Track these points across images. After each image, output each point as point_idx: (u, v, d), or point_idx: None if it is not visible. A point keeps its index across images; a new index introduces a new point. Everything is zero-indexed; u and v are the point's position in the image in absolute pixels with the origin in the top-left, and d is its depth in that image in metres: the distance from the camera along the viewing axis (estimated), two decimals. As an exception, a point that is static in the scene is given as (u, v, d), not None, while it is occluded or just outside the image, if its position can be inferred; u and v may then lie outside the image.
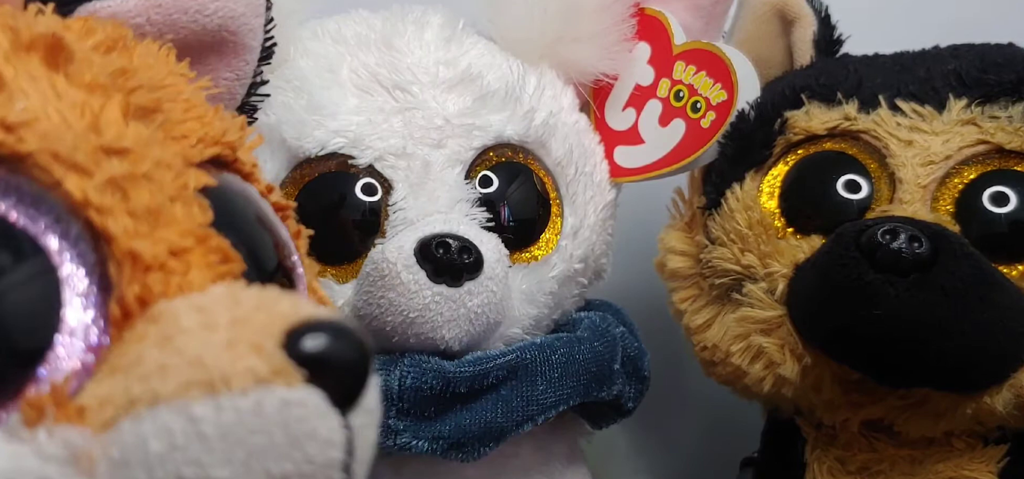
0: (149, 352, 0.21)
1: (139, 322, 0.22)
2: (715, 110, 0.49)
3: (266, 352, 0.21)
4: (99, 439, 0.20)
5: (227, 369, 0.20)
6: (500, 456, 0.45)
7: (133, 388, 0.21)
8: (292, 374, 0.21)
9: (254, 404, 0.20)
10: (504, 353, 0.45)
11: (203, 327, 0.21)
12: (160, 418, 0.20)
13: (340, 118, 0.45)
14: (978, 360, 0.40)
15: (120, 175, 0.23)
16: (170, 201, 0.24)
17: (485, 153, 0.47)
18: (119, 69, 0.25)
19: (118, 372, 0.21)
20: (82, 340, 0.22)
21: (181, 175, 0.25)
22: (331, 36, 0.49)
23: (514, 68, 0.49)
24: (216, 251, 0.24)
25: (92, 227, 0.22)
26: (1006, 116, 0.43)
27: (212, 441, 0.20)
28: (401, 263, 0.41)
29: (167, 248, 0.23)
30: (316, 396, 0.21)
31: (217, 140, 0.28)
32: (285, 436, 0.20)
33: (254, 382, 0.20)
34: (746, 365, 0.46)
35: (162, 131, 0.26)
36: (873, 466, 0.46)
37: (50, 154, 0.22)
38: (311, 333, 0.21)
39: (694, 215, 0.51)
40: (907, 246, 0.39)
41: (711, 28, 0.52)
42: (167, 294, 0.23)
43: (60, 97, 0.23)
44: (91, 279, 0.22)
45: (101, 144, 0.23)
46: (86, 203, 0.22)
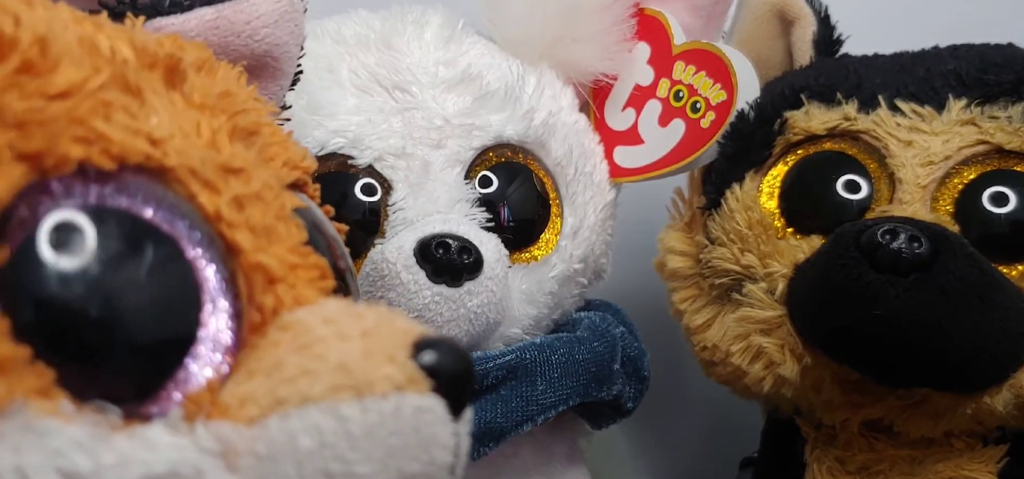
0: (289, 358, 0.23)
1: (270, 330, 0.24)
2: (715, 110, 0.49)
3: (399, 362, 0.23)
4: (246, 434, 0.22)
5: (370, 375, 0.22)
6: (500, 456, 0.46)
7: (279, 390, 0.22)
8: (423, 383, 0.23)
9: (394, 408, 0.22)
10: (504, 353, 0.45)
11: (338, 337, 0.23)
12: (310, 417, 0.22)
13: (340, 118, 0.45)
14: (978, 360, 0.40)
15: (240, 193, 0.25)
16: (276, 220, 0.26)
17: (485, 153, 0.47)
18: (223, 92, 0.27)
19: (257, 375, 0.23)
20: (218, 342, 0.23)
21: (280, 196, 0.27)
22: (331, 36, 0.49)
23: (514, 68, 0.49)
24: (316, 268, 0.26)
25: (223, 239, 0.24)
26: (1006, 116, 0.43)
27: (358, 440, 0.22)
28: (401, 263, 0.41)
29: (283, 263, 0.25)
30: (440, 405, 0.23)
31: (297, 165, 0.30)
32: (417, 439, 0.23)
33: (393, 388, 0.23)
34: (746, 365, 0.46)
35: (259, 154, 0.27)
36: (873, 466, 0.46)
37: (187, 169, 0.23)
38: (430, 348, 0.23)
39: (694, 215, 0.51)
40: (907, 246, 0.39)
41: (711, 28, 0.52)
42: (288, 305, 0.25)
43: (180, 115, 0.25)
44: (225, 285, 0.24)
45: (221, 163, 0.25)
46: (218, 217, 0.24)
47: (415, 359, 0.23)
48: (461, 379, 0.24)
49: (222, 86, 0.28)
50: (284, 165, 0.29)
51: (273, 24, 0.35)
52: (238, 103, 0.27)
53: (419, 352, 0.23)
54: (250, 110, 0.28)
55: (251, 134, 0.28)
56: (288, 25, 0.36)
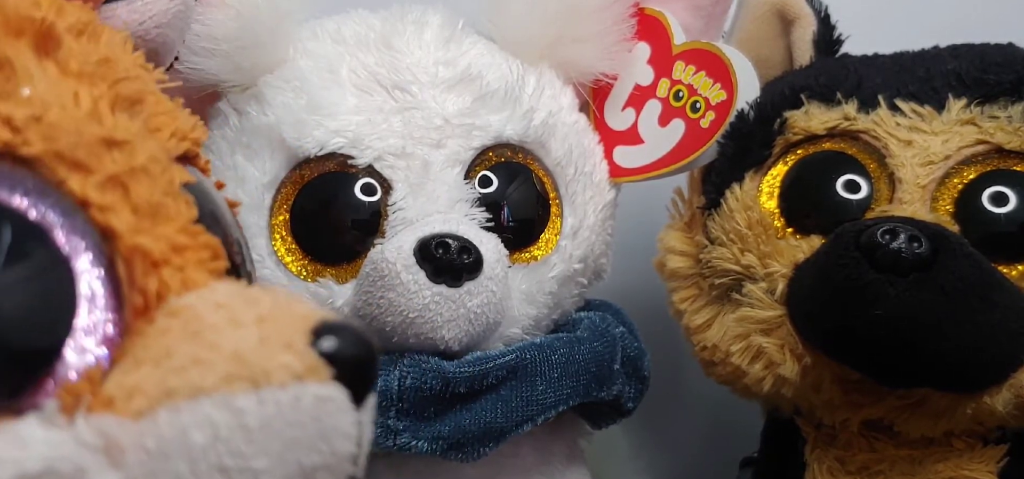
0: (179, 346, 0.22)
1: (158, 316, 0.23)
2: (715, 110, 0.49)
3: (298, 349, 0.22)
4: (132, 428, 0.21)
5: (267, 364, 0.21)
6: (500, 456, 0.45)
7: (169, 380, 0.21)
8: (323, 371, 0.22)
9: (293, 399, 0.21)
10: (504, 353, 0.45)
11: (231, 323, 0.22)
12: (202, 410, 0.21)
13: (339, 118, 0.45)
14: (978, 360, 0.40)
15: (121, 169, 0.23)
16: (164, 196, 0.24)
17: (484, 153, 0.47)
18: (104, 58, 0.25)
19: (145, 364, 0.22)
20: (98, 332, 0.22)
21: (168, 170, 0.25)
22: (330, 36, 0.49)
23: (514, 68, 0.49)
24: (206, 248, 0.25)
25: (96, 224, 0.22)
26: (1006, 116, 0.43)
27: (254, 433, 0.21)
28: (401, 263, 0.41)
29: (169, 244, 0.23)
30: (341, 393, 0.22)
31: (186, 135, 0.28)
32: (317, 429, 0.22)
33: (292, 378, 0.21)
34: (746, 365, 0.46)
35: (145, 124, 0.26)
36: (873, 466, 0.46)
37: (53, 154, 0.22)
38: (330, 334, 0.22)
39: (694, 215, 0.51)
40: (907, 246, 0.38)
41: (711, 28, 0.52)
42: (174, 290, 0.23)
43: (53, 85, 0.23)
44: (101, 271, 0.22)
45: (102, 135, 0.23)
46: (88, 202, 0.22)
47: (314, 346, 0.22)
48: (363, 365, 0.23)
49: (103, 51, 0.26)
50: (172, 136, 0.27)
51: (166, 23, 0.34)
52: (120, 70, 0.26)
53: (318, 338, 0.22)
54: (134, 77, 0.26)
55: (135, 103, 0.26)
56: (179, 23, 0.35)
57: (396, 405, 0.43)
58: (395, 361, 0.43)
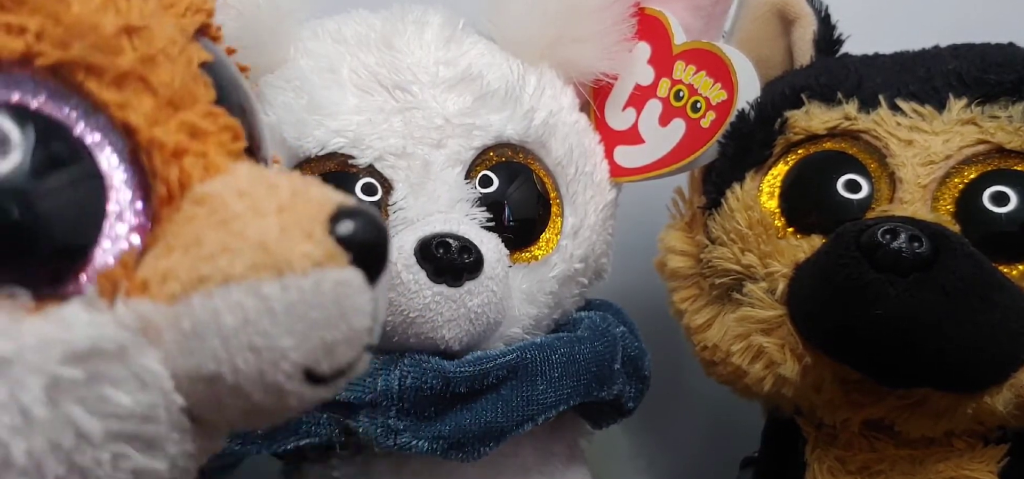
0: (207, 234, 0.23)
1: (185, 203, 0.24)
2: (715, 110, 0.49)
3: (317, 238, 0.23)
4: (167, 311, 0.23)
5: (289, 254, 0.23)
6: (500, 456, 0.45)
7: (201, 267, 0.23)
8: (341, 257, 0.24)
9: (313, 284, 0.23)
10: (504, 353, 0.45)
11: (254, 212, 0.23)
12: (233, 296, 0.23)
13: (340, 118, 0.45)
14: (978, 360, 0.40)
15: (140, 58, 0.24)
16: (186, 79, 0.25)
17: (485, 153, 0.47)
18: None
19: (175, 250, 0.23)
20: (128, 219, 0.24)
21: (185, 50, 0.26)
22: (331, 36, 0.49)
23: (514, 68, 0.49)
24: (227, 129, 0.26)
25: (116, 119, 0.24)
26: (1006, 116, 0.43)
27: (279, 316, 0.23)
28: (401, 263, 0.41)
29: (189, 131, 0.24)
30: (357, 275, 0.24)
31: (199, 8, 0.28)
32: (337, 310, 0.24)
33: (312, 265, 0.23)
34: (746, 365, 0.46)
35: (159, 1, 0.26)
36: (873, 466, 0.46)
37: (70, 61, 0.23)
38: (345, 219, 0.24)
39: (694, 215, 0.51)
40: (907, 246, 0.38)
41: (711, 28, 0.52)
42: (198, 176, 0.24)
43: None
44: (125, 164, 0.24)
45: (119, 24, 0.24)
46: (105, 103, 0.23)
47: (332, 232, 0.24)
48: (376, 248, 0.25)
49: None
50: (187, 10, 0.28)
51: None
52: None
53: (335, 224, 0.24)
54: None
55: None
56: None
57: (396, 405, 0.43)
58: (395, 361, 0.43)
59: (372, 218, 0.25)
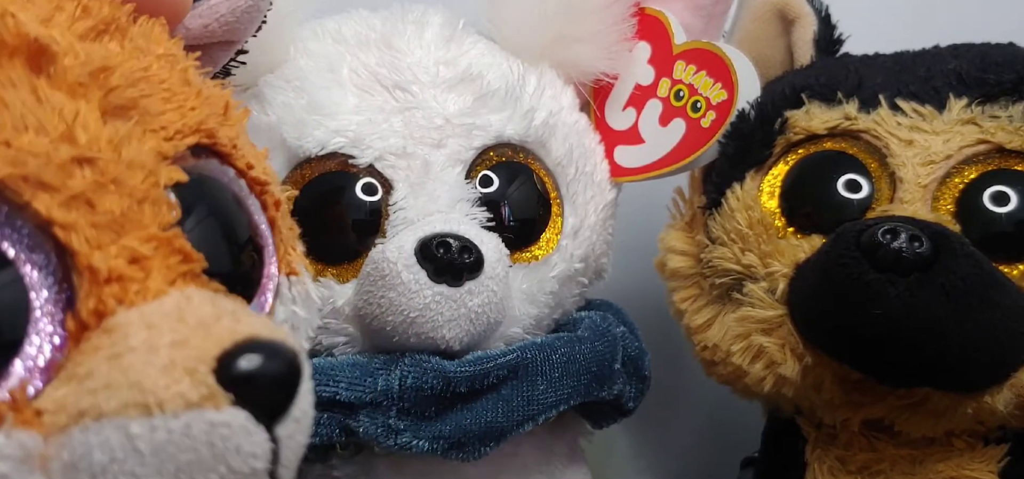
0: (99, 367, 0.23)
1: (95, 333, 0.24)
2: (715, 110, 0.49)
3: (198, 376, 0.23)
4: (52, 442, 0.23)
5: (162, 394, 0.23)
6: (500, 456, 0.45)
7: (83, 400, 0.23)
8: (220, 398, 0.23)
9: (184, 425, 0.23)
10: (505, 353, 0.45)
11: (147, 348, 0.23)
12: (103, 432, 0.23)
13: (340, 118, 0.45)
14: (978, 360, 0.40)
15: (88, 186, 0.24)
16: (138, 203, 0.25)
17: (485, 153, 0.47)
18: (100, 67, 0.26)
19: (73, 381, 0.23)
20: (47, 347, 0.24)
21: (152, 174, 0.26)
22: (331, 36, 0.49)
23: (514, 68, 0.49)
24: (178, 252, 0.26)
25: (56, 241, 0.24)
26: (1006, 116, 0.43)
27: (146, 456, 0.23)
28: (401, 263, 0.41)
29: (128, 256, 0.25)
30: (241, 416, 0.23)
31: (195, 129, 0.29)
32: (211, 453, 0.23)
33: (184, 406, 0.23)
34: (747, 365, 0.46)
35: (140, 126, 0.27)
36: (873, 466, 0.46)
37: (20, 177, 0.23)
38: (244, 354, 0.24)
39: (694, 215, 0.51)
40: (908, 245, 0.39)
41: (711, 28, 0.52)
42: (125, 302, 0.25)
43: (40, 102, 0.24)
44: (57, 289, 0.24)
45: (73, 155, 0.24)
46: (51, 221, 0.24)
47: (222, 370, 0.23)
48: (275, 384, 0.24)
49: (108, 59, 0.27)
50: (176, 133, 0.28)
51: (234, 21, 0.36)
52: (117, 77, 0.27)
53: (232, 361, 0.23)
54: (133, 83, 0.28)
55: (128, 108, 0.27)
56: (247, 17, 0.36)
57: (397, 405, 0.43)
58: (396, 361, 0.43)
59: (278, 353, 0.24)
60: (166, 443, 0.23)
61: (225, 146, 0.31)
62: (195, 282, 0.26)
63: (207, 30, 0.35)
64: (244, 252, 0.30)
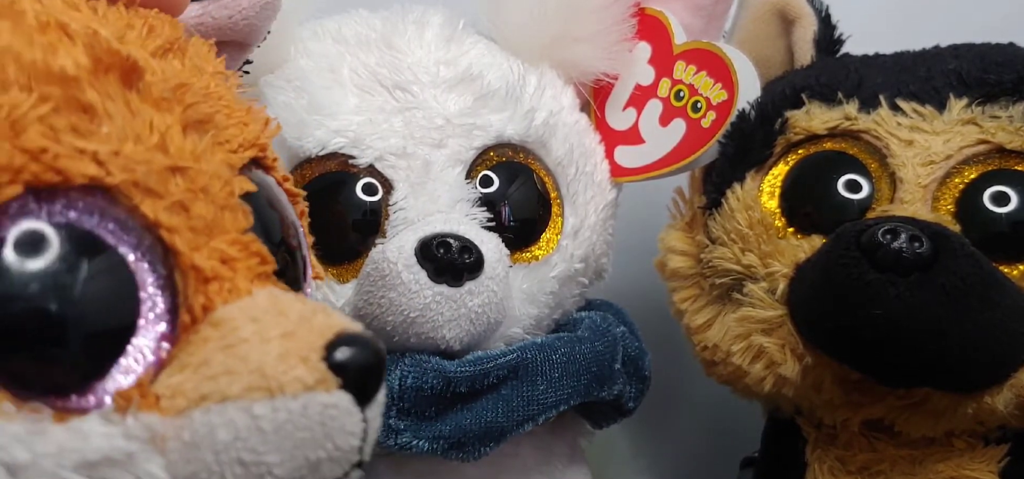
0: (215, 356, 0.26)
1: (202, 326, 0.26)
2: (715, 110, 0.49)
3: (311, 363, 0.26)
4: (172, 423, 0.25)
5: (282, 378, 0.25)
6: (500, 456, 0.45)
7: (203, 386, 0.25)
8: (330, 382, 0.26)
9: (302, 406, 0.25)
10: (505, 353, 0.45)
11: (260, 338, 0.26)
12: (227, 413, 0.25)
13: (341, 118, 0.45)
14: (978, 360, 0.40)
15: (183, 193, 0.27)
16: (221, 210, 0.28)
17: (485, 153, 0.47)
18: (179, 83, 0.29)
19: (187, 368, 0.26)
20: (155, 337, 0.26)
21: (228, 183, 0.29)
22: (331, 36, 0.49)
23: (514, 68, 0.49)
24: (256, 255, 0.28)
25: (162, 243, 0.26)
26: (1007, 116, 0.43)
27: (268, 434, 0.25)
28: (402, 263, 0.41)
29: (219, 257, 0.27)
30: (346, 399, 0.26)
31: (253, 143, 0.32)
32: (323, 431, 0.26)
33: (302, 389, 0.25)
34: (747, 365, 0.46)
35: (213, 140, 0.29)
36: (873, 466, 0.46)
37: (131, 183, 0.26)
38: (342, 346, 0.26)
39: (694, 215, 0.51)
40: (908, 246, 0.39)
41: (712, 28, 0.52)
42: (222, 299, 0.27)
43: (134, 115, 0.27)
44: (161, 286, 0.26)
45: (168, 164, 0.27)
46: (157, 224, 0.26)
47: (327, 358, 0.26)
48: (369, 372, 0.27)
49: (181, 76, 0.29)
50: (240, 146, 0.31)
51: (254, 15, 0.38)
52: (192, 94, 0.29)
53: (332, 350, 0.26)
54: (204, 99, 0.30)
55: (204, 123, 0.29)
56: (266, 12, 0.38)
57: (397, 405, 0.43)
58: (396, 361, 0.43)
59: (368, 344, 0.27)
60: (286, 422, 0.25)
61: (269, 159, 0.33)
62: (270, 282, 0.29)
63: (231, 22, 0.37)
64: (295, 257, 0.33)
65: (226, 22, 0.37)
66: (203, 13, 0.36)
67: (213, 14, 0.36)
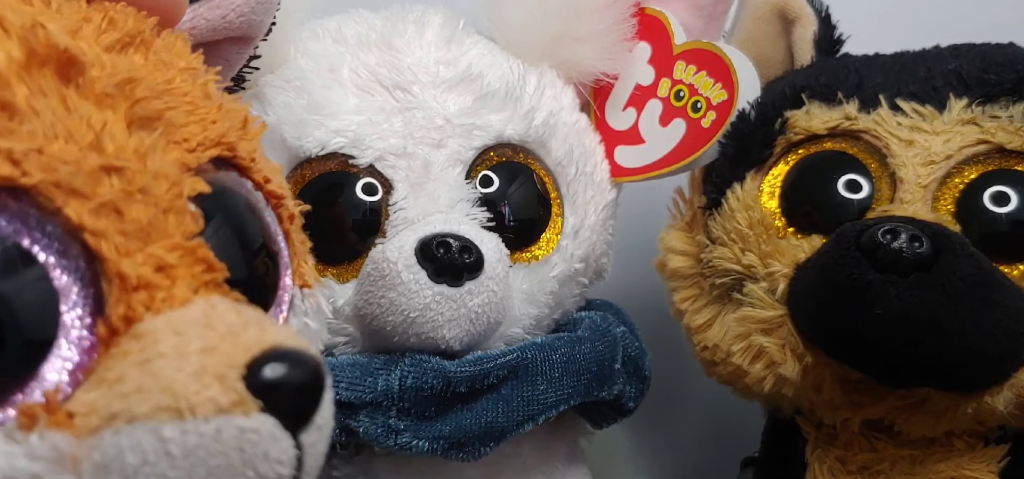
0: (130, 372, 0.24)
1: (124, 338, 0.25)
2: (715, 110, 0.49)
3: (228, 383, 0.24)
4: (84, 443, 0.23)
5: (193, 399, 0.23)
6: (501, 456, 0.45)
7: (114, 404, 0.23)
8: (249, 404, 0.24)
9: (214, 430, 0.23)
10: (505, 353, 0.45)
11: (177, 354, 0.24)
12: (135, 435, 0.23)
13: (341, 118, 0.45)
14: (978, 360, 0.40)
15: (116, 194, 0.25)
16: (163, 213, 0.26)
17: (485, 153, 0.47)
18: (126, 78, 0.27)
19: (103, 384, 0.24)
20: (76, 350, 0.24)
21: (177, 184, 0.27)
22: (332, 36, 0.49)
23: (514, 68, 0.49)
24: (201, 262, 0.26)
25: (86, 248, 0.24)
26: (1007, 116, 0.43)
27: (177, 459, 0.23)
28: (402, 263, 0.41)
29: (155, 264, 0.25)
30: (269, 422, 0.24)
31: (216, 142, 0.29)
32: (240, 458, 0.24)
33: (215, 411, 0.23)
34: (747, 365, 0.46)
35: (164, 137, 0.27)
36: (874, 466, 0.46)
37: (51, 184, 0.24)
38: (270, 363, 0.24)
39: (695, 215, 0.51)
40: (908, 246, 0.39)
41: (712, 28, 0.52)
42: (152, 309, 0.25)
43: (69, 112, 0.25)
44: (86, 294, 0.24)
45: (101, 164, 0.25)
46: (82, 227, 0.24)
47: (251, 377, 0.24)
48: (302, 392, 0.25)
49: (136, 71, 0.28)
50: (198, 146, 0.29)
51: (249, 11, 0.37)
52: (143, 88, 0.27)
53: (259, 369, 0.24)
54: (158, 95, 0.28)
55: (153, 120, 0.28)
56: (263, 5, 0.37)
57: (397, 405, 0.43)
58: (396, 361, 0.43)
59: (304, 362, 0.25)
60: (197, 447, 0.23)
61: (244, 159, 0.31)
62: (218, 291, 0.27)
63: (225, 20, 0.36)
64: (261, 263, 0.31)
65: (220, 22, 0.36)
66: (194, 16, 0.35)
67: (205, 16, 0.35)
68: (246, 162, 0.31)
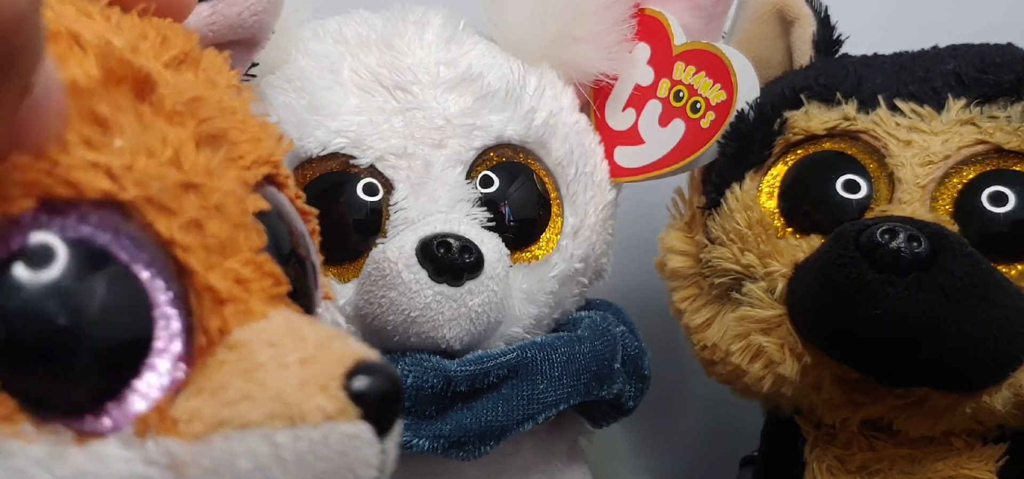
0: (232, 381, 0.25)
1: (218, 349, 0.26)
2: (715, 110, 0.49)
3: (331, 392, 0.25)
4: (192, 449, 0.24)
5: (303, 406, 0.25)
6: (501, 455, 0.46)
7: (222, 411, 0.25)
8: (351, 411, 0.25)
9: (323, 436, 0.25)
10: (505, 352, 0.45)
11: (278, 364, 0.25)
12: (248, 440, 0.24)
13: (341, 118, 0.46)
14: (977, 359, 0.40)
15: (197, 210, 0.26)
16: (235, 229, 0.27)
17: (486, 153, 0.47)
18: (193, 97, 0.28)
19: (203, 392, 0.25)
20: (171, 358, 0.25)
21: (242, 201, 0.28)
22: (332, 36, 0.49)
23: (515, 68, 0.49)
24: (269, 276, 0.28)
25: (176, 261, 0.25)
26: (1005, 116, 0.43)
27: (289, 464, 0.25)
28: (402, 262, 0.42)
29: (234, 278, 0.26)
30: (367, 429, 0.26)
31: (267, 160, 0.31)
32: (344, 462, 0.25)
33: (324, 419, 0.25)
34: (746, 364, 0.46)
35: (227, 156, 0.28)
36: (873, 465, 0.46)
37: (144, 198, 0.25)
38: (361, 374, 0.26)
39: (694, 215, 0.51)
40: (906, 245, 0.39)
41: (711, 28, 0.52)
42: (236, 322, 0.26)
43: (146, 129, 0.26)
44: (177, 307, 0.25)
45: (181, 180, 0.26)
46: (172, 242, 0.25)
47: (346, 387, 0.25)
48: (388, 402, 0.26)
49: (194, 89, 0.29)
50: (253, 163, 0.30)
51: (262, 10, 0.37)
52: (207, 107, 0.28)
53: (352, 378, 0.25)
54: (219, 113, 0.29)
55: (218, 138, 0.29)
56: (273, 6, 0.38)
57: (397, 404, 0.43)
58: (396, 360, 0.43)
59: (387, 375, 0.26)
60: (307, 452, 0.25)
61: (282, 177, 0.32)
62: (283, 304, 0.28)
63: (240, 18, 0.36)
64: (308, 277, 0.32)
65: (235, 19, 0.36)
66: (213, 12, 0.36)
67: (223, 13, 0.36)
68: (283, 179, 0.33)
